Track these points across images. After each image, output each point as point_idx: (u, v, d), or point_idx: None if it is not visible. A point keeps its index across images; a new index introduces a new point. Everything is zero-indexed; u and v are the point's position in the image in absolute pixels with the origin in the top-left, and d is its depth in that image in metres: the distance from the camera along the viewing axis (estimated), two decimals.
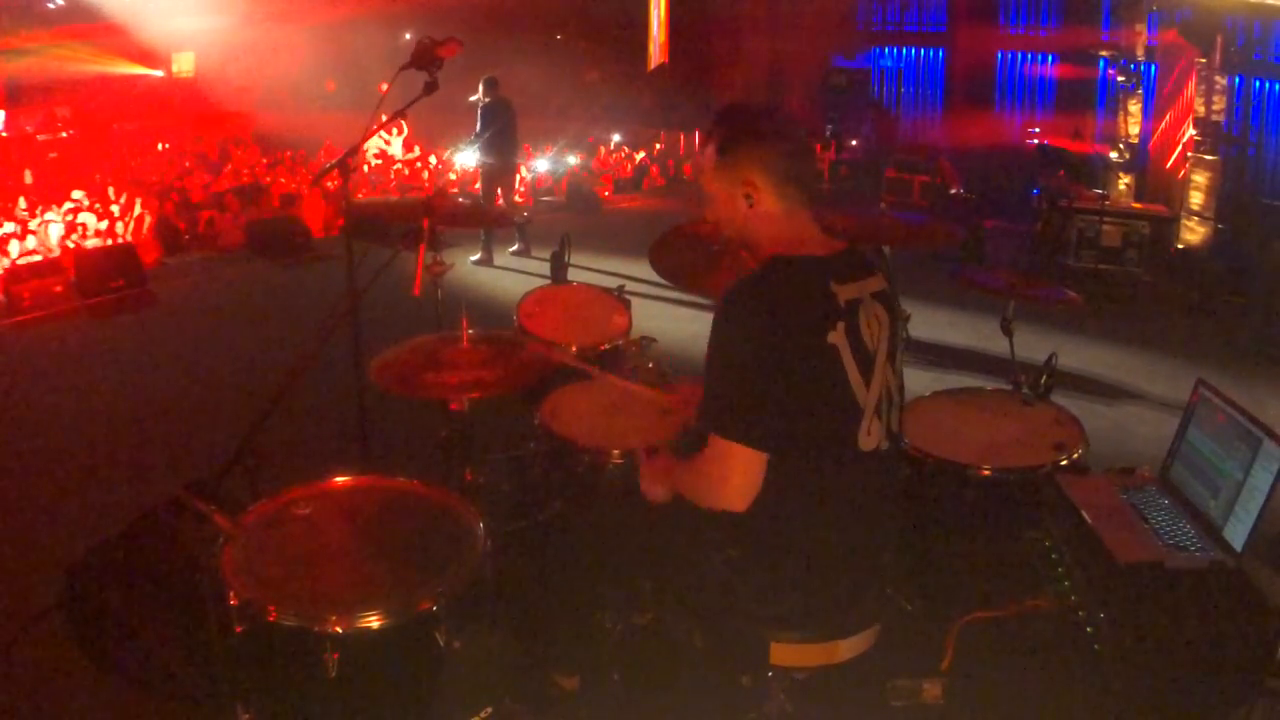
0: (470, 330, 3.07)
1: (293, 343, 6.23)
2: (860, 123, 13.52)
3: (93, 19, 13.68)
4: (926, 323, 6.71)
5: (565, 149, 13.89)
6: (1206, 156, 8.73)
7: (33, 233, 8.79)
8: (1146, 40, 9.91)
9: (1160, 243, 8.66)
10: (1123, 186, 9.98)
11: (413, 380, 2.88)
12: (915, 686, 2.57)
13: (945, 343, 6.61)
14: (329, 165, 3.33)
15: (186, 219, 10.09)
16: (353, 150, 3.29)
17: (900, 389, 2.17)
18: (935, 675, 2.54)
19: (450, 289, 3.46)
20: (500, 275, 8.71)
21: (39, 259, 8.30)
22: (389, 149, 13.78)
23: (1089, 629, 2.30)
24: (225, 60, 15.36)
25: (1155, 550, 2.36)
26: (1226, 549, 2.32)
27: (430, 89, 3.22)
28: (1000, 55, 13.55)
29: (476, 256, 8.96)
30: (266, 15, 14.52)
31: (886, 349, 2.07)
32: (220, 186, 11.26)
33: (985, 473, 2.92)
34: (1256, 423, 2.36)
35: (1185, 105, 9.49)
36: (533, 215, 10.15)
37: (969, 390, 3.55)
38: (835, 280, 2.02)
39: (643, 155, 14.73)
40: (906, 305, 2.24)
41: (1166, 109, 9.96)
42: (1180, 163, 9.39)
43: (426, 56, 3.26)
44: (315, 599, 2.08)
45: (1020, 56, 13.45)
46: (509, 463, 3.74)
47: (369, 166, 12.71)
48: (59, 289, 7.71)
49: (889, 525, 2.22)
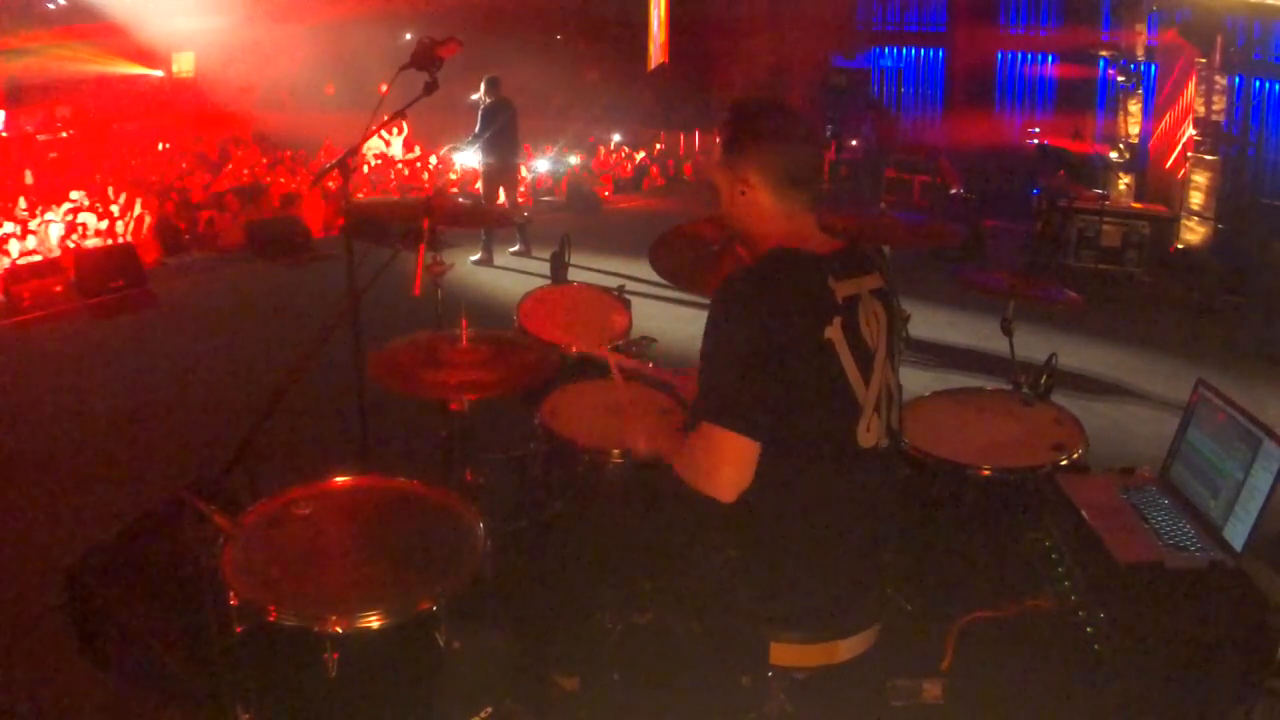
0: (470, 330, 3.07)
1: (293, 343, 6.23)
2: (860, 123, 13.51)
3: (93, 19, 13.69)
4: (926, 323, 6.71)
5: (565, 149, 13.90)
6: (1206, 156, 8.73)
7: (33, 233, 8.80)
8: (1146, 40, 9.91)
9: (1160, 243, 8.66)
10: (1123, 186, 9.98)
11: (412, 380, 2.88)
12: (915, 686, 2.57)
13: (945, 343, 6.61)
14: (329, 165, 3.33)
15: (186, 219, 10.10)
16: (353, 150, 3.30)
17: (899, 387, 2.17)
18: (935, 675, 2.54)
19: (450, 289, 3.46)
20: (500, 275, 8.71)
21: (39, 259, 8.31)
22: (389, 149, 13.78)
23: (1089, 629, 2.30)
24: (225, 60, 15.38)
25: (1155, 550, 2.36)
26: (1226, 549, 2.32)
27: (430, 89, 3.22)
28: (1000, 55, 13.55)
29: (476, 256, 8.96)
30: (266, 15, 14.53)
31: (886, 346, 2.07)
32: (220, 186, 11.26)
33: (985, 473, 2.92)
34: (1256, 423, 2.35)
35: (1185, 105, 9.49)
36: (533, 215, 10.15)
37: (969, 390, 3.54)
38: (833, 276, 2.02)
39: (643, 155, 14.73)
40: (906, 305, 2.25)
41: (1166, 109, 9.96)
42: (1180, 163, 9.39)
43: (426, 56, 3.26)
44: (315, 599, 2.08)
45: (1020, 56, 13.44)
46: (509, 463, 3.74)
47: (369, 166, 12.71)
48: (59, 289, 7.72)
49: (889, 524, 2.22)
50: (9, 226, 8.84)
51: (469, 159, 10.13)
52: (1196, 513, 2.49)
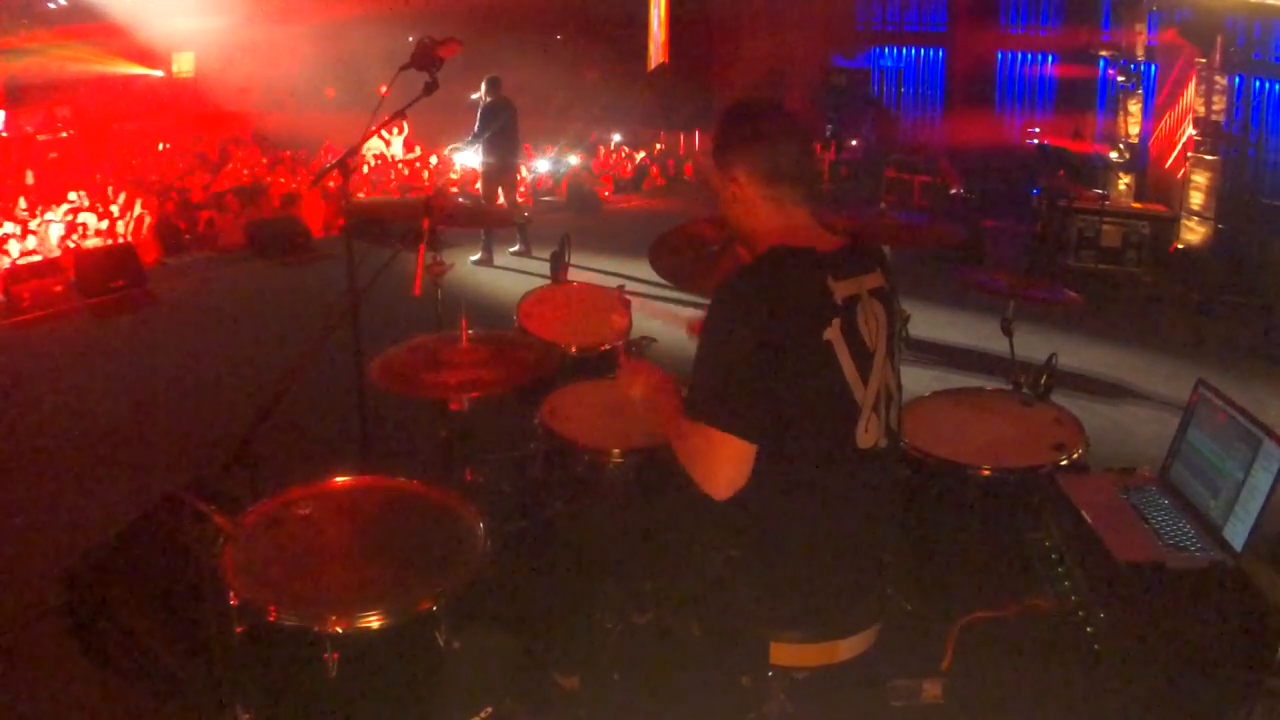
0: (470, 330, 3.07)
1: (293, 343, 6.24)
2: (860, 123, 13.52)
3: (93, 19, 13.68)
4: (926, 323, 6.71)
5: (565, 149, 13.89)
6: (1206, 156, 8.72)
7: (33, 233, 8.79)
8: (1146, 40, 9.90)
9: (1160, 243, 8.65)
10: (1123, 186, 9.98)
11: (413, 380, 2.88)
12: (915, 686, 2.57)
13: (945, 343, 6.61)
14: (329, 165, 3.34)
15: (186, 219, 10.09)
16: (353, 150, 3.30)
17: (899, 387, 2.16)
18: (935, 675, 2.54)
19: (450, 289, 3.47)
20: (500, 275, 8.70)
21: (39, 259, 8.31)
22: (389, 149, 13.78)
23: (1089, 629, 2.30)
24: (225, 60, 15.37)
25: (1155, 550, 2.36)
26: (1226, 549, 2.32)
27: (430, 89, 3.23)
28: (1000, 55, 13.55)
29: (476, 256, 8.97)
30: (266, 15, 14.52)
31: (885, 347, 2.07)
32: (220, 186, 11.25)
33: (985, 473, 2.92)
34: (1256, 423, 2.35)
35: (1185, 105, 9.49)
36: (533, 215, 10.15)
37: (969, 390, 3.54)
38: (833, 276, 2.02)
39: (643, 155, 14.73)
40: (906, 305, 2.25)
41: (1166, 109, 9.96)
42: (1180, 163, 9.38)
43: (426, 56, 3.27)
44: (315, 599, 2.08)
45: (1020, 56, 13.44)
46: (509, 463, 3.74)
47: (369, 166, 12.70)
48: (59, 289, 7.72)
49: (889, 525, 2.22)
50: (9, 226, 8.83)
51: (469, 159, 10.14)
52: (1196, 513, 2.49)
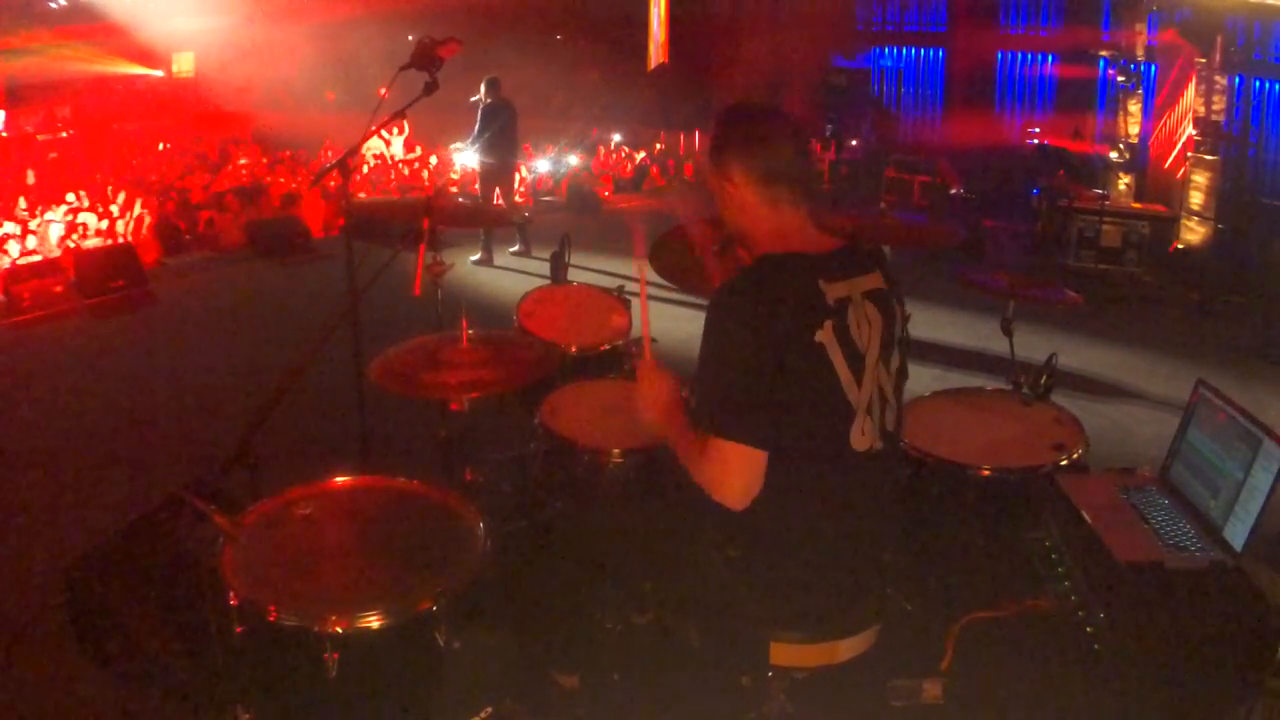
0: (470, 330, 3.07)
1: (293, 343, 6.24)
2: (860, 123, 13.52)
3: (93, 19, 13.68)
4: (926, 323, 6.71)
5: (565, 149, 13.89)
6: (1206, 156, 8.73)
7: (33, 233, 8.79)
8: (1146, 40, 9.91)
9: (1160, 243, 8.66)
10: (1123, 186, 9.98)
11: (413, 380, 2.88)
12: (915, 686, 2.56)
13: (945, 343, 6.61)
14: (329, 165, 3.33)
15: (186, 219, 10.09)
16: (353, 150, 3.30)
17: (897, 390, 2.16)
18: (935, 675, 2.54)
19: (450, 289, 3.46)
20: (500, 275, 8.71)
21: (39, 259, 8.31)
22: (389, 149, 13.78)
23: (1089, 629, 2.30)
24: (225, 60, 15.36)
25: (1155, 550, 2.36)
26: (1226, 549, 2.32)
27: (430, 89, 3.22)
28: (1000, 55, 13.54)
29: (476, 256, 8.97)
30: (266, 15, 14.52)
31: (879, 349, 2.07)
32: (220, 186, 11.25)
33: (985, 473, 2.92)
34: (1256, 423, 2.35)
35: (1185, 105, 9.49)
36: (533, 215, 10.15)
37: (969, 390, 3.55)
38: (824, 279, 2.02)
39: (643, 155, 14.73)
40: (906, 305, 2.24)
41: (1166, 109, 9.96)
42: (1180, 163, 9.39)
43: (426, 56, 3.27)
44: (315, 599, 2.08)
45: (1020, 56, 13.44)
46: (509, 463, 3.74)
47: (369, 166, 12.70)
48: (59, 289, 7.71)
49: (888, 525, 2.22)
50: (9, 226, 8.83)
51: (468, 159, 10.14)
52: (1196, 513, 2.49)
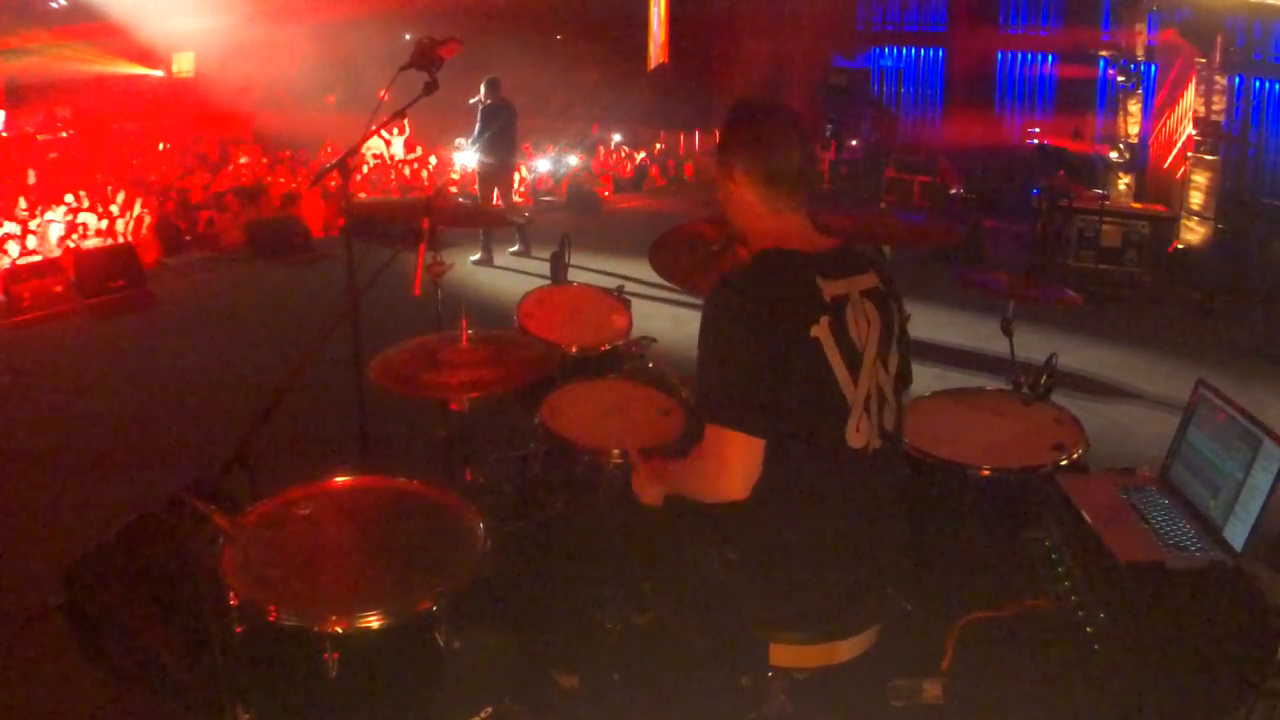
0: (470, 330, 3.07)
1: (293, 343, 6.24)
2: (860, 123, 13.52)
3: (93, 19, 13.67)
4: (926, 323, 6.71)
5: (565, 149, 13.89)
6: (1206, 156, 8.73)
7: (33, 233, 8.79)
8: (1146, 40, 9.91)
9: (1160, 243, 8.66)
10: (1122, 186, 9.98)
11: (413, 380, 2.88)
12: (915, 686, 2.56)
13: (945, 343, 6.61)
14: (329, 165, 3.33)
15: (186, 219, 10.10)
16: (352, 150, 3.29)
17: (897, 390, 2.16)
18: (935, 675, 2.54)
19: (450, 289, 3.46)
20: (500, 275, 8.71)
21: (39, 259, 8.31)
22: (389, 149, 13.77)
23: (1089, 629, 2.30)
24: (225, 60, 15.35)
25: (1155, 550, 2.36)
26: (1226, 549, 2.32)
27: (430, 89, 3.22)
28: (1000, 55, 13.54)
29: (476, 256, 8.97)
30: (266, 15, 14.50)
31: (877, 347, 2.07)
32: (220, 186, 11.25)
33: (985, 473, 2.92)
34: (1256, 423, 2.35)
35: (1185, 105, 9.49)
36: (533, 215, 10.15)
37: (969, 390, 3.54)
38: (821, 276, 2.04)
39: (643, 155, 14.73)
40: (906, 305, 2.25)
41: (1166, 109, 9.96)
42: (1180, 163, 9.39)
43: (426, 56, 3.26)
44: (315, 599, 2.08)
45: (1020, 56, 13.44)
46: (509, 463, 3.74)
47: (368, 166, 12.70)
48: (59, 289, 7.72)
49: (887, 525, 2.22)
50: (9, 226, 8.83)
51: (468, 159, 10.15)
52: (1196, 513, 2.49)
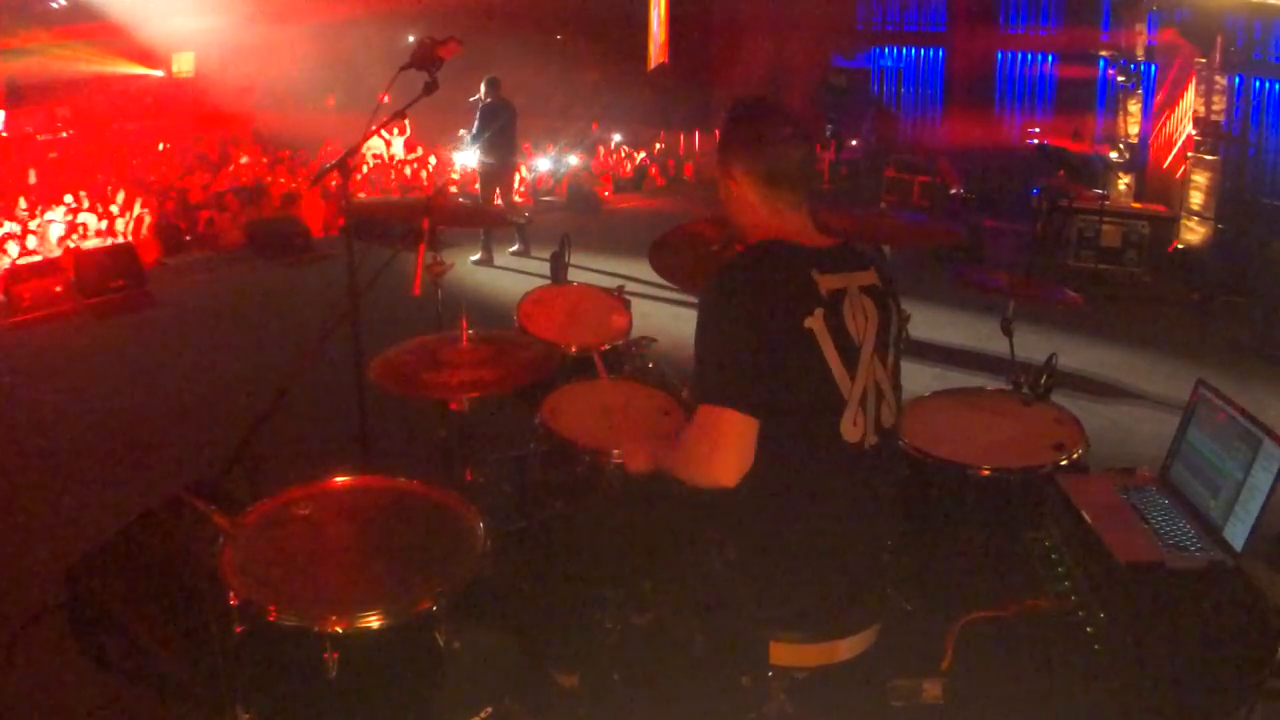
0: (470, 330, 3.07)
1: (293, 343, 6.24)
2: (860, 123, 13.52)
3: (93, 19, 13.66)
4: (926, 323, 6.71)
5: (565, 149, 13.90)
6: (1206, 156, 8.72)
7: (33, 233, 8.79)
8: (1146, 40, 9.91)
9: (1160, 243, 8.66)
10: (1122, 186, 9.98)
11: (413, 380, 2.88)
12: (915, 686, 2.56)
13: (945, 343, 6.61)
14: (329, 165, 3.33)
15: (186, 219, 10.10)
16: (353, 150, 3.29)
17: (895, 387, 2.17)
18: (935, 675, 2.54)
19: (450, 289, 3.46)
20: (500, 275, 8.71)
21: (39, 259, 8.31)
22: (389, 149, 13.78)
23: (1089, 629, 2.30)
24: (225, 60, 15.35)
25: (1155, 550, 2.36)
26: (1226, 549, 2.32)
27: (430, 89, 3.22)
28: (1000, 55, 13.55)
29: (476, 256, 8.97)
30: (266, 15, 14.50)
31: (874, 343, 2.08)
32: (220, 186, 11.26)
33: (985, 473, 2.92)
34: (1256, 423, 2.35)
35: (1185, 105, 9.49)
36: (533, 215, 10.15)
37: (969, 390, 3.55)
38: (819, 269, 2.05)
39: (643, 155, 14.73)
40: (906, 305, 2.25)
41: (1166, 109, 9.96)
42: (1180, 162, 9.39)
43: (426, 56, 3.26)
44: (315, 599, 2.08)
45: (1020, 57, 13.44)
46: (509, 463, 3.74)
47: (368, 166, 12.70)
48: (59, 289, 7.72)
49: (887, 524, 2.23)
50: (9, 226, 8.84)
51: (468, 159, 10.15)
52: (1196, 513, 2.49)
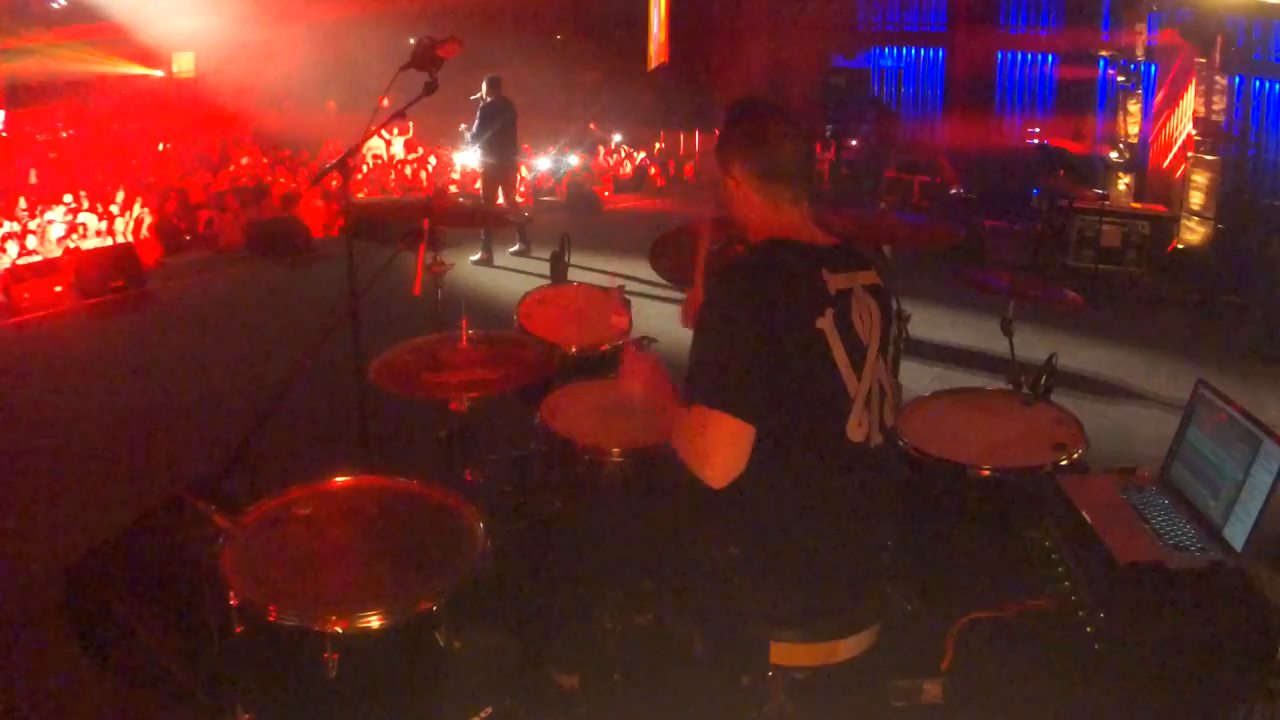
0: (470, 330, 3.07)
1: (293, 343, 6.24)
2: (860, 123, 13.52)
3: (93, 19, 13.67)
4: (926, 323, 6.70)
5: (565, 149, 13.90)
6: (1206, 156, 8.72)
7: (33, 233, 8.79)
8: (1146, 40, 9.90)
9: (1160, 243, 8.66)
10: (1122, 186, 9.97)
11: (413, 380, 2.88)
12: (915, 686, 2.56)
13: (945, 343, 6.61)
14: (329, 165, 3.33)
15: (186, 219, 10.09)
16: (353, 150, 3.29)
17: (896, 387, 2.17)
18: (935, 675, 2.54)
19: (450, 289, 3.46)
20: (500, 275, 8.71)
21: (39, 259, 8.31)
22: (389, 149, 13.78)
23: (1089, 629, 2.30)
24: (225, 60, 15.34)
25: (1155, 550, 2.36)
26: (1226, 549, 2.32)
27: (430, 89, 3.22)
28: (1000, 55, 13.55)
29: (476, 256, 8.97)
30: (266, 15, 14.51)
31: (879, 343, 2.08)
32: (220, 186, 11.25)
33: (985, 473, 2.92)
34: (1256, 423, 2.35)
35: (1185, 105, 9.49)
36: (533, 215, 10.15)
37: (969, 390, 3.55)
38: (827, 269, 2.04)
39: (643, 155, 14.73)
40: (906, 305, 2.25)
41: (1166, 109, 9.96)
42: (1179, 162, 9.39)
43: (426, 56, 3.26)
44: (315, 599, 2.08)
45: (1020, 57, 13.45)
46: (509, 463, 3.74)
47: (368, 166, 12.70)
48: (59, 289, 7.72)
49: (887, 524, 2.23)
50: (9, 226, 8.83)
51: (469, 158, 10.15)
52: (1196, 513, 2.49)
